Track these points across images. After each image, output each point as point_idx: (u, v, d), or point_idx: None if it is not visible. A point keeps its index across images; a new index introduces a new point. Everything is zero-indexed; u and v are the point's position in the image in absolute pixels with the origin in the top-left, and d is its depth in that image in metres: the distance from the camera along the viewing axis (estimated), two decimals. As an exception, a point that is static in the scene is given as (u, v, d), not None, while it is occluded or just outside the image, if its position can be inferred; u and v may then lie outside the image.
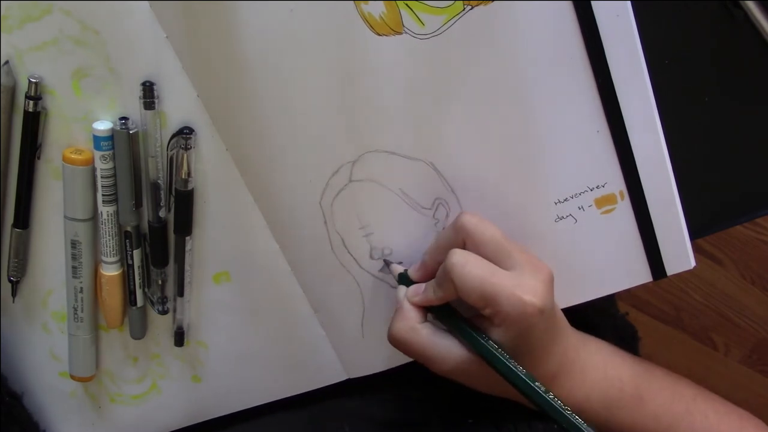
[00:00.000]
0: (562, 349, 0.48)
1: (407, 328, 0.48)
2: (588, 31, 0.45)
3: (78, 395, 0.55)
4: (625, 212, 0.49)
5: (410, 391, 0.57)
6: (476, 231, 0.46)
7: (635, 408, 0.50)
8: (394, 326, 0.48)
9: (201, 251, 0.51)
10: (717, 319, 1.17)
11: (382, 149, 0.48)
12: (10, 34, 0.44)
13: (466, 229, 0.46)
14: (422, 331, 0.48)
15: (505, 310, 0.44)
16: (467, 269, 0.45)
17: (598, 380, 0.50)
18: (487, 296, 0.45)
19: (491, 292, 0.44)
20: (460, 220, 0.47)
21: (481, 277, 0.45)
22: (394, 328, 0.48)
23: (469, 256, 0.46)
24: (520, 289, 0.44)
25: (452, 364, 0.47)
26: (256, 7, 0.44)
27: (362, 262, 0.51)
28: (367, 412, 0.57)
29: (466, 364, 0.47)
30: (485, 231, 0.46)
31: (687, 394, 0.53)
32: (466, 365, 0.47)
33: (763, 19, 0.48)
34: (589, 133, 0.48)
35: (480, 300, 0.45)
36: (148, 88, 0.45)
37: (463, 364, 0.47)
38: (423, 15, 0.44)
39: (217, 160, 0.48)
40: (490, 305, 0.45)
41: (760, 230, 1.14)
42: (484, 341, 0.46)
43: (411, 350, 0.48)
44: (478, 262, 0.45)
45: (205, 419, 0.56)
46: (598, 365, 0.50)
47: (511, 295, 0.44)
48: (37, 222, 0.49)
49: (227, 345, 0.54)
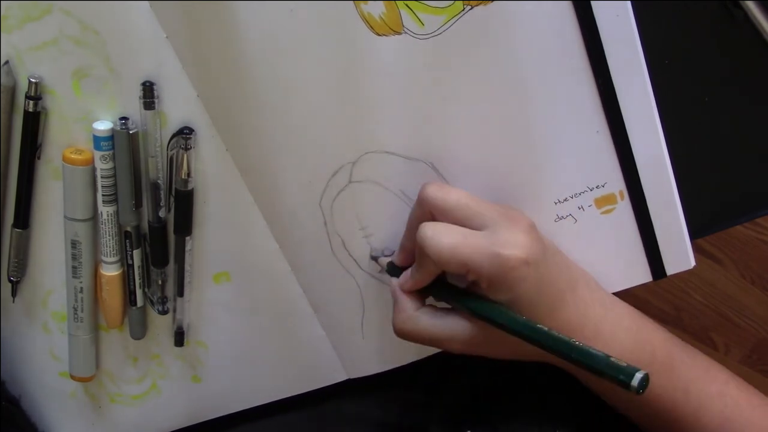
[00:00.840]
0: (582, 302, 0.47)
1: (405, 318, 0.47)
2: (588, 31, 0.45)
3: (78, 395, 0.55)
4: (625, 212, 0.49)
5: (411, 394, 0.57)
6: (439, 199, 0.45)
7: (666, 377, 0.48)
8: (394, 320, 0.48)
9: (201, 251, 0.51)
10: (717, 319, 1.17)
11: (382, 150, 0.48)
12: (10, 34, 0.44)
13: (429, 199, 0.45)
14: (422, 318, 0.47)
15: (486, 270, 0.43)
16: (437, 239, 0.44)
17: (629, 341, 0.47)
18: (465, 261, 0.43)
19: (467, 256, 0.43)
20: (422, 193, 0.46)
21: (453, 244, 0.43)
22: (394, 321, 0.48)
23: (437, 226, 0.44)
24: (497, 245, 0.43)
25: (461, 340, 0.46)
26: (256, 7, 0.44)
27: (362, 263, 0.51)
28: (368, 415, 0.57)
29: (474, 334, 0.46)
30: (448, 196, 0.45)
31: (720, 377, 0.50)
32: (474, 336, 0.46)
33: (763, 19, 0.48)
34: (589, 133, 0.48)
35: (459, 267, 0.43)
36: (148, 88, 0.45)
37: (471, 336, 0.46)
38: (423, 15, 0.44)
39: (217, 160, 0.48)
40: (471, 270, 0.43)
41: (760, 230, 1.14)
42: (477, 301, 0.45)
43: (417, 338, 0.47)
44: (448, 230, 0.44)
45: (205, 419, 0.57)
46: (629, 327, 0.48)
47: (488, 255, 0.43)
48: (37, 222, 0.49)
49: (227, 345, 0.54)
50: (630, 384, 0.39)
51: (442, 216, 0.45)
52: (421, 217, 0.46)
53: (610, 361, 0.40)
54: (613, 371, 0.40)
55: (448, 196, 0.45)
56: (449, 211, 0.45)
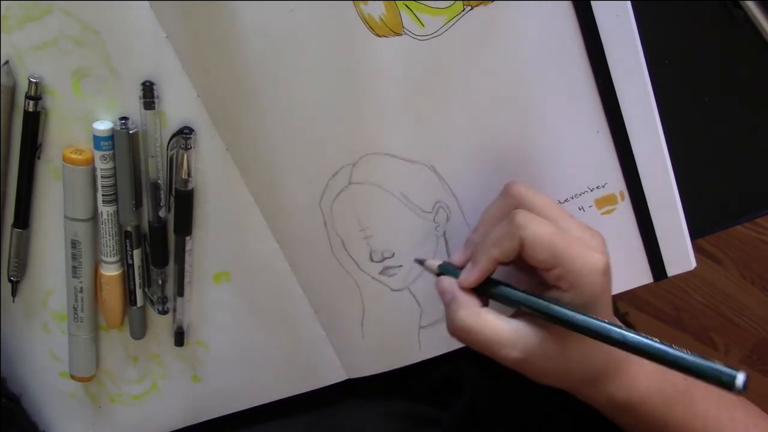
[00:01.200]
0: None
1: (470, 314, 0.44)
2: (588, 31, 0.45)
3: (78, 395, 0.55)
4: (625, 212, 0.49)
5: (413, 405, 0.57)
6: (528, 197, 0.45)
7: (687, 405, 0.47)
8: (456, 316, 0.44)
9: (201, 251, 0.51)
10: (717, 319, 1.17)
11: (382, 152, 0.48)
12: (10, 34, 0.44)
13: (518, 195, 0.45)
14: (487, 315, 0.44)
15: (577, 267, 0.42)
16: (536, 224, 0.42)
17: (653, 372, 0.46)
18: (559, 254, 0.42)
19: (563, 248, 0.42)
20: (510, 189, 0.45)
21: (552, 233, 0.42)
22: (456, 317, 0.44)
23: (533, 216, 0.43)
24: (588, 248, 0.42)
25: (524, 346, 0.43)
26: (256, 7, 0.44)
27: (362, 264, 0.51)
28: (369, 416, 0.57)
29: (540, 340, 0.43)
30: (536, 196, 0.45)
31: (729, 402, 0.49)
32: (540, 343, 0.43)
33: (764, 19, 0.48)
34: (589, 133, 0.48)
35: (551, 258, 0.42)
36: (148, 88, 0.45)
37: (536, 343, 0.43)
38: (423, 16, 0.44)
39: (217, 160, 0.48)
40: (560, 264, 0.42)
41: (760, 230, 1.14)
42: (553, 302, 0.43)
43: (477, 335, 0.44)
44: (545, 221, 0.43)
45: (205, 419, 0.56)
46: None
47: (581, 254, 0.42)
48: (37, 222, 0.49)
49: (227, 345, 0.54)
50: (734, 385, 0.38)
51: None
52: (504, 212, 0.45)
53: (713, 366, 0.39)
54: (715, 373, 0.39)
55: (536, 195, 0.45)
56: (536, 210, 0.44)
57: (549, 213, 0.44)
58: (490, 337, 0.44)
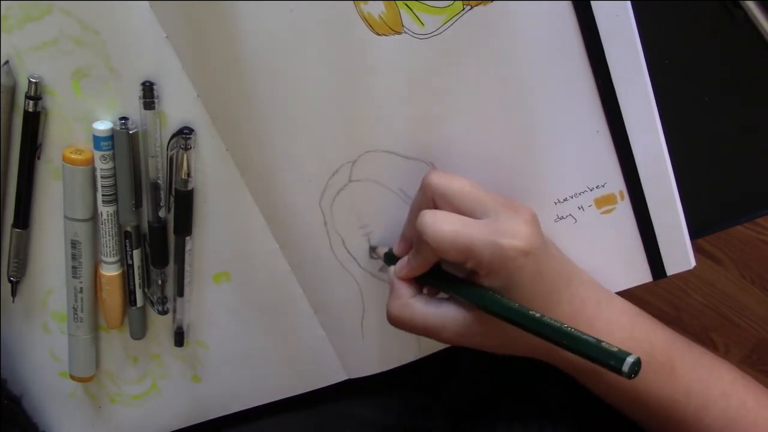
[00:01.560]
0: (578, 299, 0.47)
1: (400, 305, 0.47)
2: (588, 31, 0.45)
3: (78, 395, 0.55)
4: (625, 212, 0.49)
5: (411, 396, 0.57)
6: (442, 186, 0.45)
7: (665, 377, 0.47)
8: (389, 306, 0.47)
9: (201, 251, 0.51)
10: (717, 319, 1.17)
11: (381, 149, 0.48)
12: (10, 34, 0.44)
13: (433, 186, 0.45)
14: (415, 305, 0.47)
15: (486, 258, 0.43)
16: (438, 226, 0.44)
17: (625, 340, 0.46)
18: (464, 249, 0.43)
19: (467, 244, 0.43)
20: (425, 180, 0.46)
21: (453, 232, 0.43)
22: (389, 308, 0.47)
23: (438, 214, 0.44)
24: (497, 233, 0.43)
25: (453, 329, 0.46)
26: (256, 7, 0.44)
27: (362, 261, 0.51)
28: (368, 416, 0.57)
29: (466, 323, 0.45)
30: (451, 184, 0.45)
31: (726, 376, 0.49)
32: (467, 325, 0.45)
33: (764, 19, 0.48)
34: (589, 133, 0.48)
35: (459, 254, 0.43)
36: (148, 88, 0.45)
37: (463, 325, 0.46)
38: (422, 15, 0.44)
39: (217, 160, 0.48)
40: (470, 257, 0.43)
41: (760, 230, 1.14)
42: (472, 288, 0.45)
43: (410, 326, 0.47)
44: (449, 217, 0.44)
45: (205, 419, 0.56)
46: (624, 325, 0.48)
47: (488, 243, 0.43)
48: (37, 222, 0.49)
49: (227, 345, 0.54)
50: (621, 369, 0.38)
51: (444, 203, 0.45)
52: (423, 204, 0.46)
53: (600, 346, 0.39)
54: (603, 356, 0.39)
55: (451, 183, 0.45)
56: (451, 199, 0.45)
57: (464, 199, 0.45)
58: (421, 325, 0.46)
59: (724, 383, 0.49)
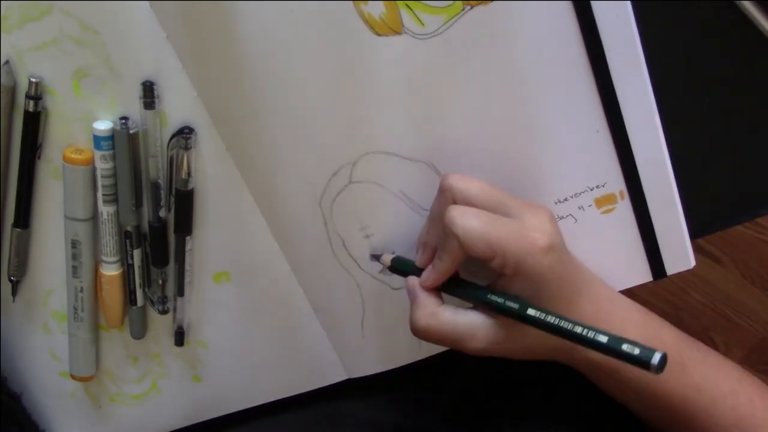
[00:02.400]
0: (593, 300, 0.47)
1: (427, 315, 0.46)
2: (588, 31, 0.45)
3: (78, 395, 0.55)
4: (625, 212, 0.49)
5: (413, 394, 0.57)
6: (463, 187, 0.45)
7: (678, 375, 0.47)
8: (414, 317, 0.46)
9: (201, 251, 0.51)
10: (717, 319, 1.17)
11: (382, 150, 0.48)
12: (10, 34, 0.44)
13: (453, 188, 0.45)
14: (443, 314, 0.46)
15: (514, 253, 0.43)
16: (466, 220, 0.43)
17: (638, 337, 0.46)
18: (493, 243, 0.43)
19: (496, 239, 0.43)
20: (444, 182, 0.46)
21: (482, 226, 0.43)
22: (414, 318, 0.46)
23: (465, 209, 0.44)
24: (525, 229, 0.43)
25: (483, 338, 0.45)
26: (256, 7, 0.44)
27: (362, 263, 0.51)
28: (369, 416, 0.57)
29: (495, 331, 0.45)
30: (471, 185, 0.45)
31: (733, 374, 0.50)
32: (496, 333, 0.45)
33: (762, 19, 0.48)
34: (589, 133, 0.48)
35: (487, 249, 0.43)
36: (148, 87, 0.45)
37: (492, 333, 0.45)
38: (423, 15, 0.44)
39: (217, 160, 0.48)
40: (498, 253, 0.43)
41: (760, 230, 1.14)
42: (499, 294, 0.44)
43: (438, 337, 0.46)
44: (477, 213, 0.44)
45: (205, 419, 0.56)
46: (637, 322, 0.48)
47: (517, 238, 0.43)
48: (37, 222, 0.49)
49: (227, 345, 0.54)
50: (650, 363, 0.39)
51: (465, 204, 0.45)
52: (444, 207, 0.46)
53: (634, 344, 0.40)
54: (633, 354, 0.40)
55: (472, 184, 0.45)
56: (473, 200, 0.45)
57: (485, 200, 0.45)
58: (449, 335, 0.46)
59: (732, 381, 0.49)
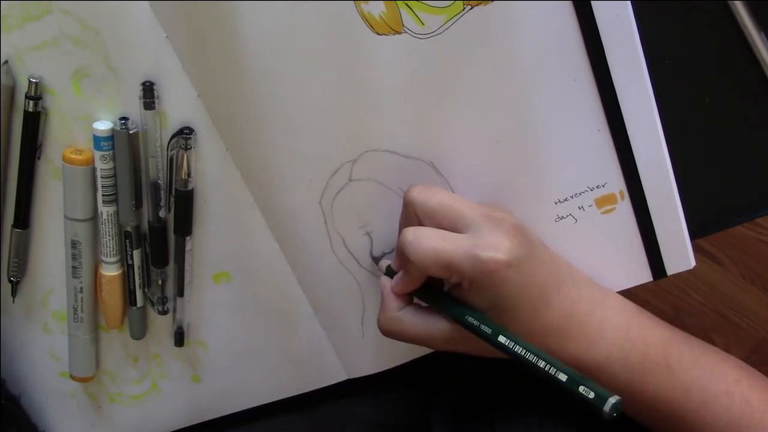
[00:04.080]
0: (569, 300, 0.46)
1: (388, 318, 0.48)
2: (588, 31, 0.45)
3: (78, 395, 0.55)
4: (625, 212, 0.49)
5: (412, 396, 0.57)
6: (421, 201, 0.45)
7: (662, 376, 0.47)
8: (378, 319, 0.48)
9: (201, 251, 0.51)
10: (717, 319, 1.17)
11: (381, 149, 0.48)
12: (10, 34, 0.44)
13: (413, 202, 0.45)
14: (403, 318, 0.47)
15: (468, 273, 0.43)
16: (417, 243, 0.44)
17: (619, 340, 0.47)
18: (445, 265, 0.43)
19: (448, 260, 0.43)
20: (406, 196, 0.46)
21: (433, 248, 0.43)
22: (379, 321, 0.48)
23: (418, 231, 0.44)
24: (478, 248, 0.43)
25: (440, 339, 0.47)
26: (256, 6, 0.44)
27: (362, 261, 0.51)
28: (369, 416, 0.57)
29: (451, 334, 0.46)
30: (430, 199, 0.45)
31: (730, 374, 0.49)
32: (452, 335, 0.46)
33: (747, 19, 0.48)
34: (589, 133, 0.48)
35: (441, 270, 0.44)
36: (148, 88, 0.45)
37: (449, 335, 0.46)
38: (423, 15, 0.44)
39: (217, 160, 0.48)
40: (452, 272, 0.44)
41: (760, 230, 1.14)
42: (451, 308, 0.45)
43: (400, 337, 0.48)
44: (429, 233, 0.44)
45: (205, 419, 0.57)
46: (619, 324, 0.47)
47: (468, 257, 0.43)
48: (37, 222, 0.49)
49: (227, 345, 0.54)
50: (603, 409, 0.39)
51: (426, 219, 0.45)
52: (408, 221, 0.46)
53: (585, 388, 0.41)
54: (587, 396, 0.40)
55: (430, 198, 0.45)
56: (432, 214, 0.45)
57: (445, 214, 0.45)
58: (411, 336, 0.47)
59: (728, 381, 0.48)
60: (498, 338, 0.44)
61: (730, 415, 0.47)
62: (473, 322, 0.45)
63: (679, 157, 0.48)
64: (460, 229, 0.44)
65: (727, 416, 0.47)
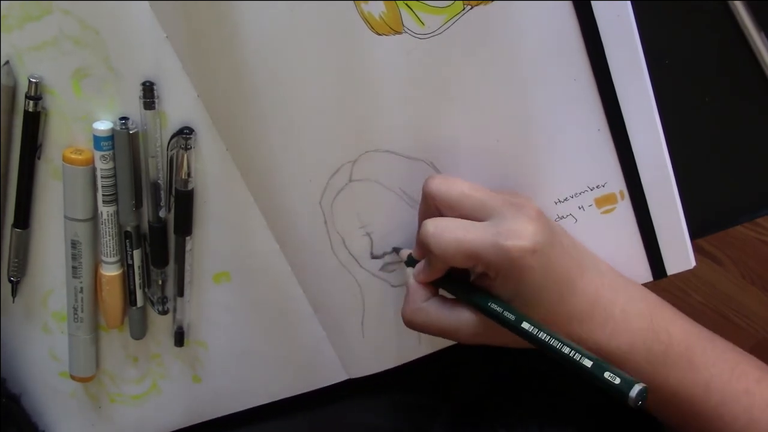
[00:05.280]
0: (592, 287, 0.46)
1: (414, 309, 0.47)
2: (588, 31, 0.45)
3: (78, 395, 0.55)
4: (625, 212, 0.49)
5: (413, 398, 0.57)
6: (442, 192, 0.45)
7: (684, 370, 0.46)
8: (403, 311, 0.47)
9: (201, 251, 0.51)
10: (717, 319, 1.17)
11: (382, 149, 0.48)
12: (10, 34, 0.44)
13: (433, 194, 0.45)
14: (429, 309, 0.47)
15: (493, 261, 0.43)
16: (439, 235, 0.44)
17: (642, 329, 0.46)
18: (470, 255, 0.43)
19: (471, 250, 0.43)
20: (425, 188, 0.46)
21: (456, 239, 0.43)
22: (403, 312, 0.47)
23: (439, 222, 0.44)
24: (501, 236, 0.43)
25: (466, 331, 0.46)
26: (256, 6, 0.44)
27: (362, 261, 0.51)
28: (368, 419, 0.57)
29: (478, 326, 0.46)
30: (451, 189, 0.45)
31: (752, 374, 0.48)
32: (479, 327, 0.46)
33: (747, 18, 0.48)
34: (589, 132, 0.48)
35: (466, 260, 0.44)
36: (148, 88, 0.45)
37: (476, 327, 0.46)
38: (423, 15, 0.44)
39: (217, 160, 0.48)
40: (477, 262, 0.43)
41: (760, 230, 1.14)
42: (474, 296, 0.45)
43: (425, 329, 0.47)
44: (451, 224, 0.44)
45: (205, 419, 0.56)
46: (642, 312, 0.47)
47: (492, 246, 0.42)
48: (37, 222, 0.49)
49: (227, 345, 0.54)
50: (629, 395, 0.38)
51: (447, 209, 0.45)
52: (428, 212, 0.46)
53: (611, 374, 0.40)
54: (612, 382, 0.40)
55: (451, 189, 0.45)
56: (453, 204, 0.45)
57: (466, 204, 0.45)
58: (436, 328, 0.47)
59: (749, 380, 0.47)
60: (522, 324, 0.43)
61: (750, 416, 0.47)
62: (496, 308, 0.44)
63: (679, 157, 0.48)
64: (481, 217, 0.44)
65: (746, 416, 0.47)
